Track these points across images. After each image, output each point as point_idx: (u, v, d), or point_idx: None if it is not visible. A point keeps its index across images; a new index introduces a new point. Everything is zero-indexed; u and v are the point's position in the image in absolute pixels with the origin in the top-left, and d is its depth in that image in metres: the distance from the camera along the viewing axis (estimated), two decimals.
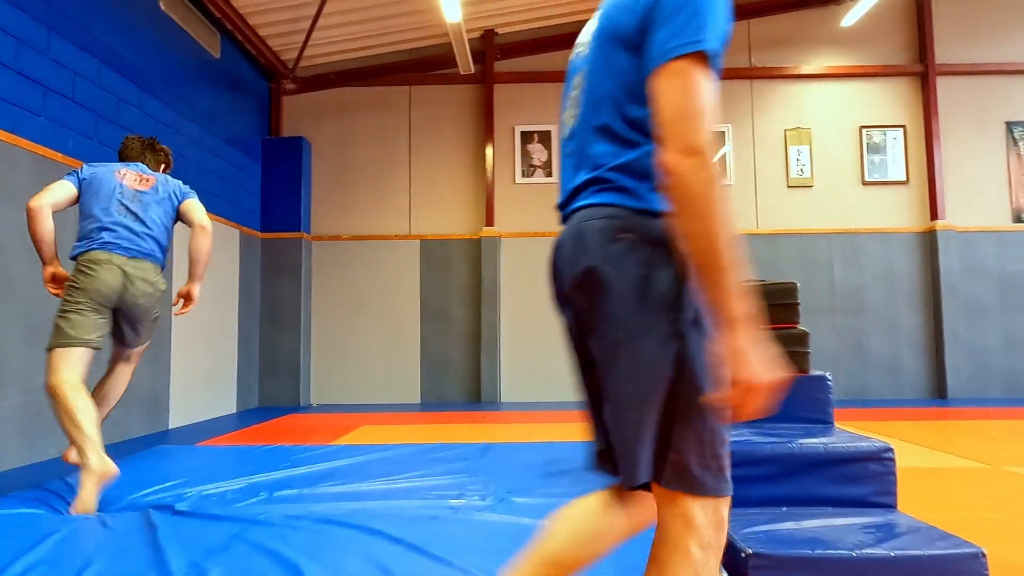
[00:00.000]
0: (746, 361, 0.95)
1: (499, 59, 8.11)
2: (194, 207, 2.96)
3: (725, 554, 1.92)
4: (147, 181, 2.90)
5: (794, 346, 2.47)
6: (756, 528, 1.92)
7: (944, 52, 7.99)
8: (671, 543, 1.07)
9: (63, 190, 2.74)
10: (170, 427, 5.77)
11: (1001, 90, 8.01)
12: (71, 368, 2.51)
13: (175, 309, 3.04)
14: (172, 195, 2.93)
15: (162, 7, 5.78)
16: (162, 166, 3.15)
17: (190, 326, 6.02)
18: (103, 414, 2.77)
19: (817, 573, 1.70)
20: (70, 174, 2.83)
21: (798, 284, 2.50)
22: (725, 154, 7.99)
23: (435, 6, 6.77)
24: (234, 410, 6.99)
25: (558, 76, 8.09)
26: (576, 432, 5.05)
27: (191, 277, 2.98)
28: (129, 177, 2.86)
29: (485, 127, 8.01)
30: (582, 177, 1.14)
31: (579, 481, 2.55)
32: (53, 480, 2.67)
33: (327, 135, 8.17)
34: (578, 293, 1.10)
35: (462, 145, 8.14)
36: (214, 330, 6.59)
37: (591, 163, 1.13)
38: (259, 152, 7.78)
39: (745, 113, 8.05)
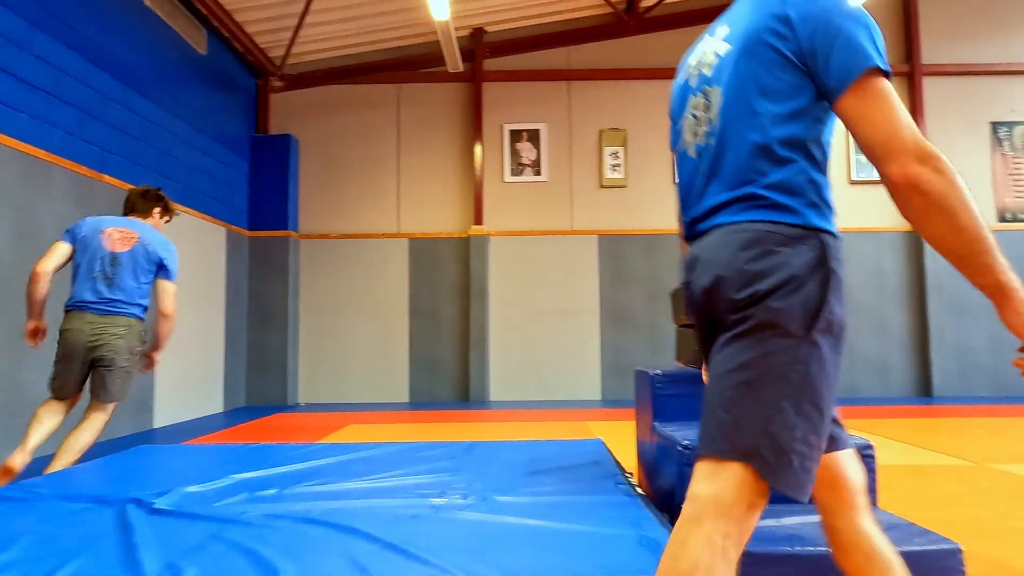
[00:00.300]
0: None
1: (488, 57, 8.10)
2: (163, 290, 3.14)
3: None
4: (129, 240, 3.08)
5: None
6: None
7: (930, 52, 8.05)
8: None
9: (61, 253, 3.02)
10: (155, 427, 5.73)
11: (987, 90, 8.07)
12: (47, 414, 3.00)
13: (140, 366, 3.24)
14: (149, 262, 3.10)
15: (146, 3, 5.74)
16: (156, 211, 3.28)
17: (177, 325, 5.98)
18: (67, 461, 2.95)
19: (793, 570, 1.70)
20: (65, 233, 3.07)
21: None
22: None
23: (423, 4, 6.76)
24: (221, 409, 6.95)
25: (547, 75, 8.10)
26: (563, 430, 5.05)
27: (152, 347, 3.25)
28: (113, 237, 3.06)
29: (474, 125, 8.00)
30: (726, 195, 1.15)
31: (564, 480, 2.55)
32: (33, 477, 2.64)
33: (315, 133, 8.14)
34: (730, 299, 1.10)
35: (451, 143, 8.13)
36: (201, 329, 6.55)
37: (736, 181, 1.14)
38: (247, 150, 7.75)
39: None
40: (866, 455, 2.15)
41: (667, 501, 2.30)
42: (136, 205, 3.24)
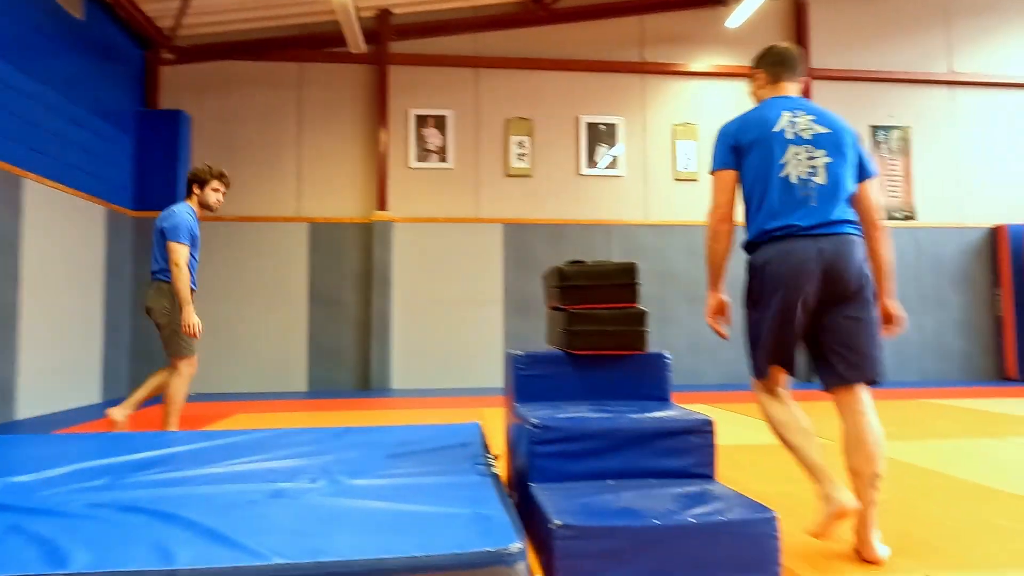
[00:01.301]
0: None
1: (394, 40, 7.94)
2: (168, 249, 3.71)
3: (536, 526, 1.94)
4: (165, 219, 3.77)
5: (632, 324, 2.53)
6: (574, 501, 1.95)
7: (819, 58, 8.50)
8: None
9: None
10: (18, 418, 5.31)
11: (868, 96, 8.61)
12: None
13: None
14: (158, 232, 3.76)
15: None
16: (194, 189, 3.89)
17: (43, 310, 5.57)
18: (170, 414, 3.79)
19: (619, 541, 1.74)
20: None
21: (636, 264, 2.56)
22: (616, 156, 8.18)
23: None
24: (99, 400, 6.53)
25: (455, 61, 8.02)
26: (456, 416, 5.03)
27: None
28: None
29: (379, 109, 7.83)
30: (843, 213, 2.11)
31: (424, 462, 2.52)
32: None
33: (210, 110, 7.74)
34: (842, 279, 2.07)
35: (355, 126, 7.93)
36: (74, 314, 6.11)
37: (843, 205, 2.12)
38: (131, 124, 7.28)
39: (637, 107, 8.26)
40: (705, 431, 2.24)
41: (523, 478, 2.31)
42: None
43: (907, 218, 8.50)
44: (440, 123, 7.97)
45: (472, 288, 7.82)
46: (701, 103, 8.36)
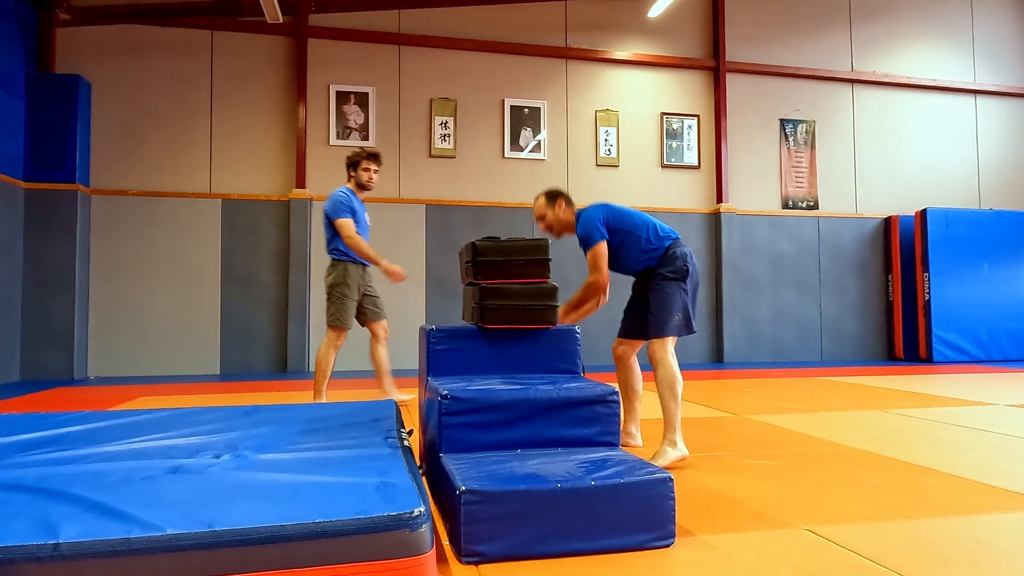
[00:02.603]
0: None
1: (314, 12, 7.69)
2: (336, 227, 4.35)
3: (444, 495, 1.97)
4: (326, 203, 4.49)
5: (544, 300, 2.58)
6: (482, 469, 1.98)
7: (734, 51, 8.83)
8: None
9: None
10: None
11: (779, 90, 9.02)
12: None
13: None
14: (326, 214, 4.41)
15: None
16: (348, 174, 4.56)
17: None
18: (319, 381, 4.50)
19: (522, 505, 1.80)
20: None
21: (549, 241, 2.62)
22: (540, 140, 8.25)
23: None
24: None
25: (378, 36, 7.86)
26: (373, 396, 4.99)
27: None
28: None
29: (298, 83, 7.58)
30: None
31: (336, 437, 2.50)
32: None
33: (113, 77, 7.28)
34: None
35: (272, 100, 7.65)
36: None
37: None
38: (22, 89, 6.75)
39: (560, 92, 8.35)
40: (611, 400, 2.32)
41: (434, 449, 2.33)
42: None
43: (811, 208, 9.00)
44: (362, 100, 7.80)
45: None
46: (623, 90, 8.53)
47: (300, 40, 7.60)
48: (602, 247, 2.93)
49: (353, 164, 4.47)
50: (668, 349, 2.91)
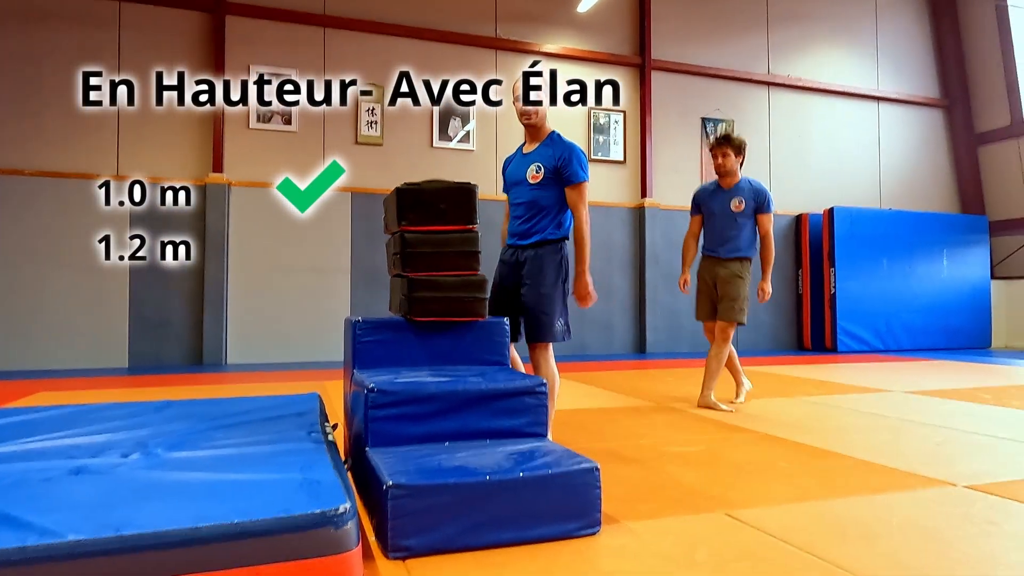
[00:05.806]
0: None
1: None
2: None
3: (371, 490, 1.93)
4: None
5: (473, 291, 2.57)
6: (409, 462, 1.96)
7: (659, 49, 9.05)
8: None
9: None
10: None
11: (701, 89, 9.32)
12: None
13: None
14: None
15: None
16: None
17: None
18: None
19: (450, 497, 1.78)
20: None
21: (477, 232, 2.60)
22: (469, 130, 8.20)
23: None
24: None
25: (302, 17, 7.59)
26: (296, 390, 4.85)
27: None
28: None
29: (215, 62, 7.22)
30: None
31: (256, 432, 2.40)
32: None
33: (7, 47, 6.72)
34: None
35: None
36: None
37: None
38: None
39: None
40: (539, 392, 2.34)
41: (360, 443, 2.28)
42: None
43: None
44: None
45: (317, 257, 7.52)
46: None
47: (218, 17, 7.24)
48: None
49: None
50: None
